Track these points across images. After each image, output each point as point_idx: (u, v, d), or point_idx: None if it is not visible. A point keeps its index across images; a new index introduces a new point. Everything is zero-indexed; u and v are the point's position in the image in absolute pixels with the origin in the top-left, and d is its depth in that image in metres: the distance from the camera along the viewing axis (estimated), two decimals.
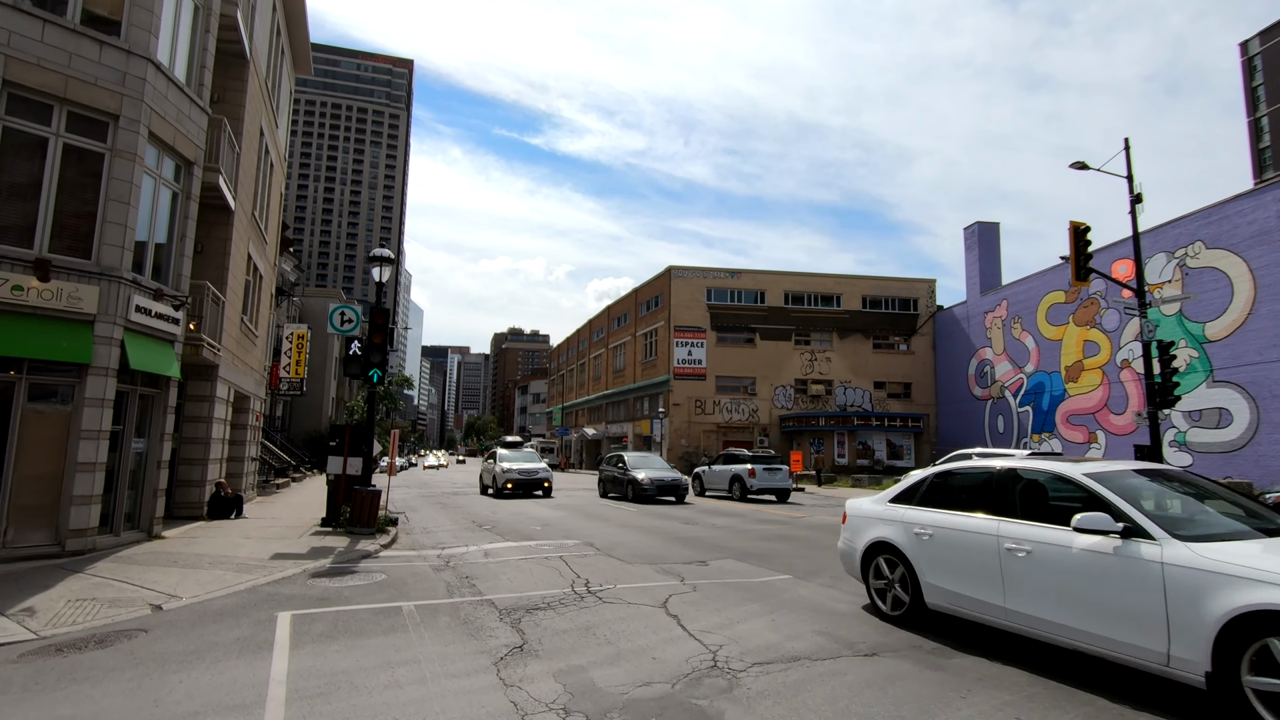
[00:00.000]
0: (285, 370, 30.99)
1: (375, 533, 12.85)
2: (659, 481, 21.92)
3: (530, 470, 24.39)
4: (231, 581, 8.39)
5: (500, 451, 26.51)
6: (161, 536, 11.48)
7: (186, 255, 11.85)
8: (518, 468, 24.30)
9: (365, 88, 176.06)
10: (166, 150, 11.34)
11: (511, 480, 23.84)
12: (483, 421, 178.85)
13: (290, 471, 31.41)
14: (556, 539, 12.70)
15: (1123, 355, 38.16)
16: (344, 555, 10.43)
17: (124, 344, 10.15)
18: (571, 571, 9.14)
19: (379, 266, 14.05)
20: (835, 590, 7.98)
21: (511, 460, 25.27)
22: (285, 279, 43.37)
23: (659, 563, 9.92)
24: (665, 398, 53.05)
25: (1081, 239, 19.56)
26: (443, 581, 8.57)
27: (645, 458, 24.30)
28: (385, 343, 13.63)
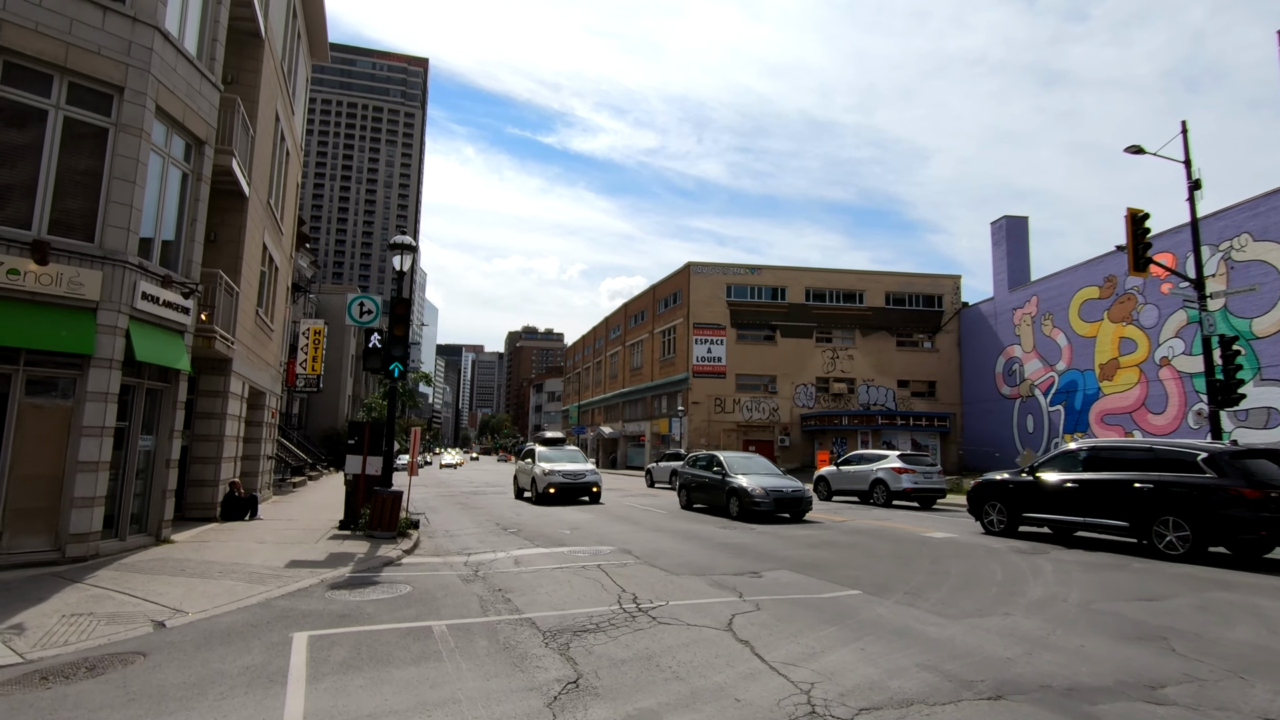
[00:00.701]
0: (302, 367, 30.42)
1: (396, 536, 12.08)
2: (778, 494, 16.14)
3: (576, 473, 20.93)
4: (243, 594, 7.61)
5: (539, 449, 22.74)
6: (170, 541, 10.75)
7: (197, 241, 11.12)
8: (562, 469, 20.86)
9: (381, 87, 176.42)
10: (176, 127, 10.60)
11: (555, 484, 20.43)
12: (497, 420, 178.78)
13: (307, 470, 30.86)
14: (589, 545, 11.85)
15: (1162, 352, 36.71)
16: (364, 563, 9.64)
17: (129, 334, 9.41)
18: (615, 584, 8.27)
19: (400, 254, 13.26)
20: (916, 609, 7.06)
21: (554, 460, 21.76)
22: (301, 275, 42.92)
23: (707, 574, 9.04)
24: (684, 396, 52.11)
25: (1139, 227, 18.43)
26: (474, 595, 7.74)
27: (748, 459, 18.91)
28: (406, 335, 12.83)
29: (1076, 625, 6.46)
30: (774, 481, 16.82)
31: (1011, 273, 49.18)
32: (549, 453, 22.51)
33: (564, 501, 20.63)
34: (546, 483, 20.46)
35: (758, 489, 16.21)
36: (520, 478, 23.41)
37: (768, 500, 16.05)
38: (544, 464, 21.19)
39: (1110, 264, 40.54)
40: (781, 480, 17.19)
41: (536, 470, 21.06)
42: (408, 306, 12.98)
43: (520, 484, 23.35)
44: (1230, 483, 10.36)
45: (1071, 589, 8.22)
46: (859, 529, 14.62)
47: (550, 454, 22.39)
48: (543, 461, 21.52)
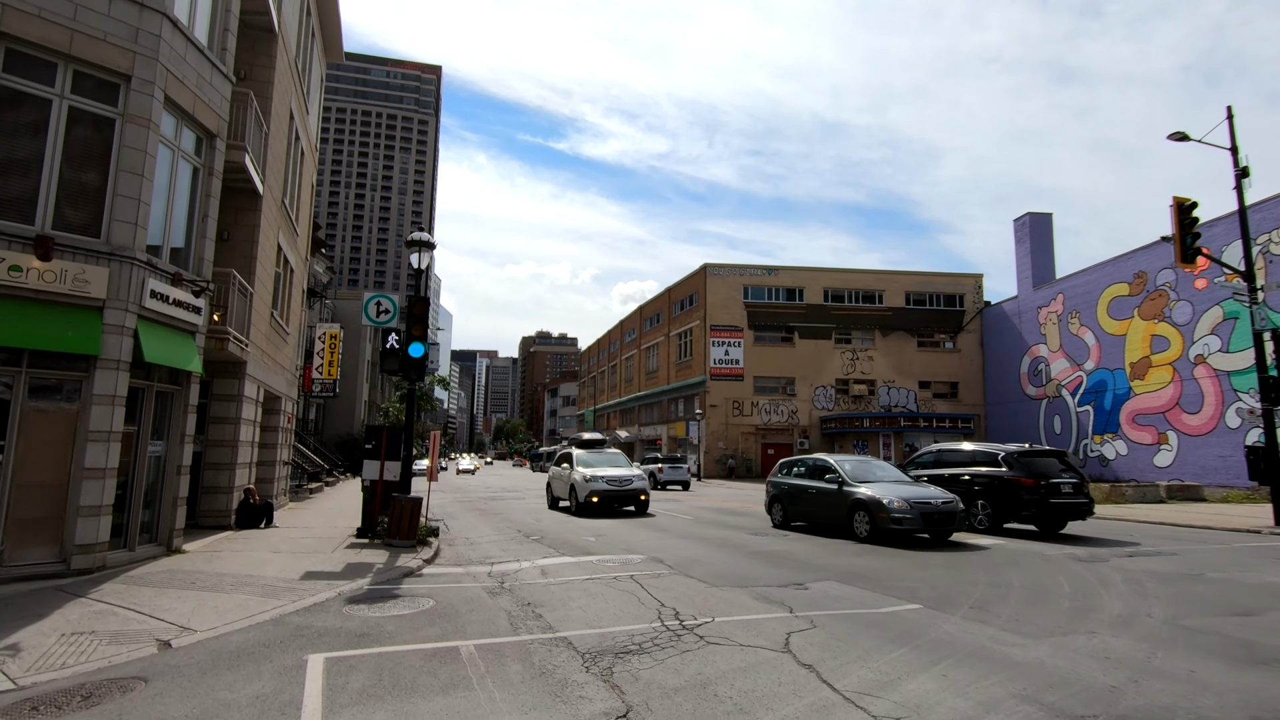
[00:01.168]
0: (318, 372, 30.14)
1: (416, 545, 11.56)
2: (925, 507, 12.26)
3: (621, 479, 18.38)
4: (255, 609, 7.09)
5: (577, 453, 20.20)
6: (182, 551, 10.29)
7: (209, 238, 10.69)
8: (605, 475, 18.41)
9: (395, 94, 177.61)
10: (186, 119, 10.18)
11: (598, 493, 17.89)
12: (511, 425, 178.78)
13: (324, 476, 30.54)
14: (617, 553, 11.26)
15: (1196, 350, 35.54)
16: (383, 574, 9.12)
17: (138, 334, 8.97)
18: (652, 598, 7.67)
19: (418, 251, 12.79)
20: (988, 626, 6.40)
21: (594, 465, 19.35)
22: (317, 280, 42.78)
23: (749, 586, 8.42)
24: (701, 399, 51.43)
25: (1187, 216, 17.59)
26: (502, 610, 7.17)
27: (865, 463, 14.66)
28: (425, 335, 12.33)
29: (1175, 646, 5.77)
30: (914, 491, 12.77)
31: (1036, 270, 48.07)
32: (588, 456, 20.05)
33: (607, 513, 18.11)
34: (588, 491, 17.94)
35: (896, 501, 12.23)
36: (555, 485, 20.91)
37: (911, 516, 12.06)
38: (584, 469, 18.86)
39: (1140, 260, 39.42)
40: (924, 492, 12.87)
41: (575, 477, 18.74)
42: (426, 306, 12.49)
43: (555, 492, 20.91)
44: (1016, 474, 14.09)
45: (1151, 602, 7.51)
46: None
47: (590, 458, 19.88)
48: (582, 467, 19.09)
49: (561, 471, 20.34)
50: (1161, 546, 12.30)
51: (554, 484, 21.03)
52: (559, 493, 20.53)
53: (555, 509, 20.14)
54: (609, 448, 22.16)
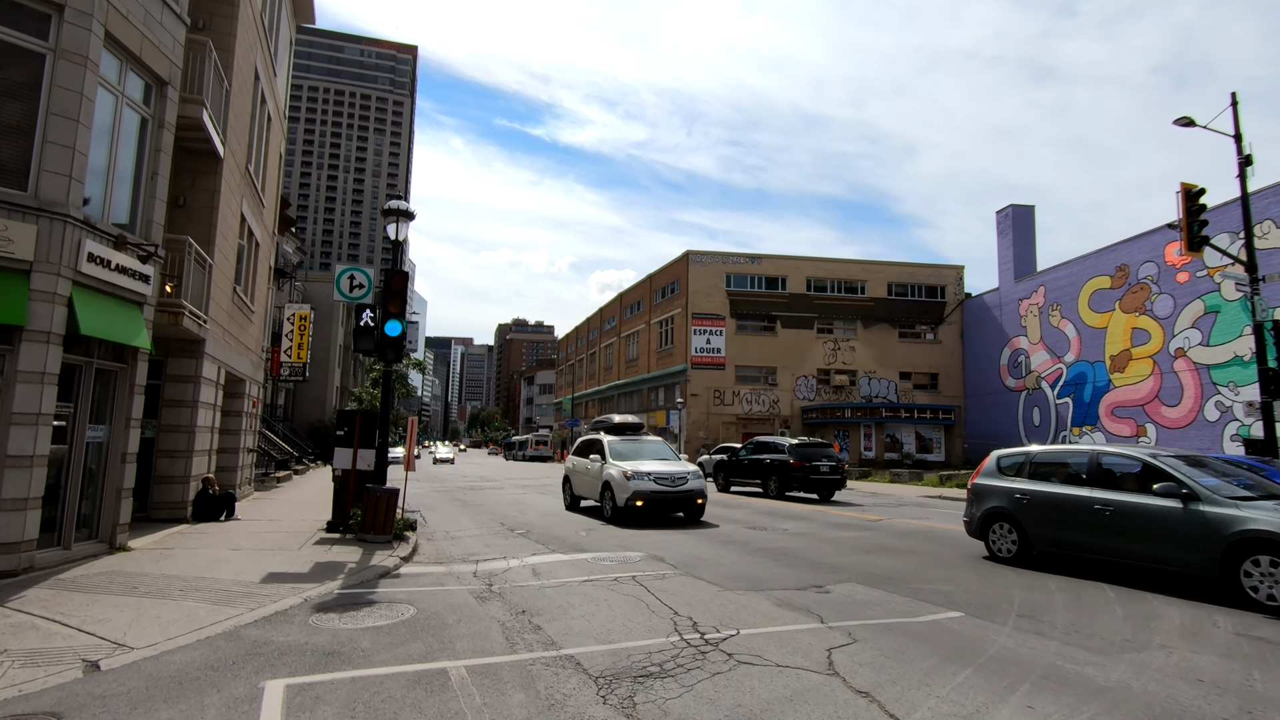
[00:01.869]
0: (286, 354, 28.70)
1: (392, 540, 10.59)
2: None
3: (673, 477, 14.05)
4: (206, 620, 6.11)
5: (609, 441, 15.49)
6: (127, 549, 9.20)
7: (159, 198, 9.52)
8: (652, 471, 13.98)
9: (369, 74, 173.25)
10: (131, 61, 8.99)
11: (644, 495, 13.61)
12: (487, 413, 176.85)
13: (292, 464, 29.21)
14: (612, 550, 10.41)
15: (1177, 343, 35.65)
16: (357, 574, 8.15)
17: (72, 302, 7.84)
18: (662, 604, 6.83)
19: (396, 221, 11.73)
20: (1047, 639, 5.67)
21: (634, 457, 14.83)
22: (287, 260, 41.05)
23: (765, 589, 7.63)
24: (683, 388, 50.71)
25: (1194, 203, 17.13)
26: (494, 620, 6.27)
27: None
28: (403, 312, 11.30)
29: (1268, 664, 5.09)
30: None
31: (1017, 263, 48.05)
32: (625, 446, 15.39)
33: (654, 522, 13.97)
34: (630, 492, 13.61)
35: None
36: (577, 482, 16.56)
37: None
38: (621, 463, 14.37)
39: (1123, 253, 39.48)
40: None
41: (611, 473, 14.32)
42: (404, 280, 11.43)
43: (577, 490, 16.62)
44: (791, 458, 20.53)
45: (1209, 609, 6.87)
46: (896, 528, 13.28)
47: (627, 448, 15.29)
48: (618, 460, 14.65)
49: (588, 465, 15.81)
50: None
51: (576, 480, 16.67)
52: (583, 491, 16.25)
53: (575, 511, 16.30)
54: (648, 435, 17.04)
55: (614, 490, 14.09)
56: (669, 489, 13.95)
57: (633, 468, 14.08)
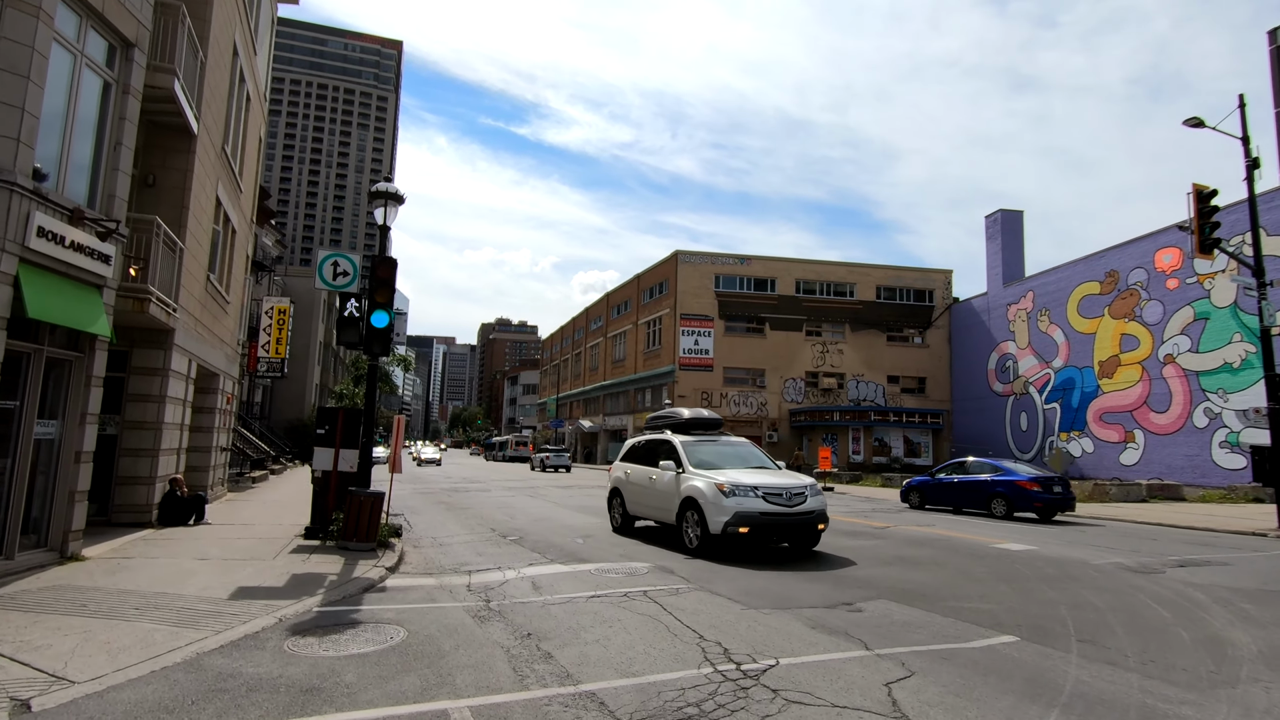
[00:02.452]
0: (264, 349, 27.59)
1: (376, 548, 9.78)
2: None
3: (788, 491, 10.13)
4: (163, 645, 5.29)
5: (681, 443, 11.59)
6: (80, 558, 8.30)
7: (122, 170, 8.64)
8: (761, 484, 10.07)
9: (353, 68, 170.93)
10: (92, 18, 8.12)
11: (749, 518, 9.74)
12: (470, 412, 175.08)
13: (269, 463, 28.09)
14: (616, 560, 9.68)
15: (1166, 350, 35.64)
16: (338, 588, 7.35)
17: (19, 281, 6.97)
18: (684, 626, 6.12)
19: (384, 205, 10.93)
20: (1123, 669, 5.05)
21: (723, 464, 11.04)
22: (266, 254, 39.82)
23: (791, 606, 6.95)
24: (670, 389, 50.06)
25: (1206, 204, 16.78)
26: (497, 646, 5.52)
27: None
28: (390, 302, 10.50)
29: None
30: None
31: (1006, 267, 48.04)
32: (707, 450, 11.53)
33: (757, 555, 10.25)
34: (731, 513, 9.71)
35: None
36: (634, 497, 12.51)
37: None
38: (709, 473, 10.54)
39: (1112, 259, 39.51)
40: None
41: (696, 485, 10.38)
42: (392, 268, 10.64)
43: (633, 508, 12.62)
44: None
45: (1276, 631, 6.31)
46: (906, 536, 12.69)
47: (709, 452, 11.48)
48: (702, 469, 10.79)
49: (652, 475, 11.77)
50: (1191, 554, 11.33)
51: (631, 494, 12.59)
52: (643, 509, 12.31)
53: (628, 534, 12.47)
54: (728, 435, 12.87)
55: (704, 510, 9.97)
56: (784, 509, 9.86)
57: (729, 479, 10.07)
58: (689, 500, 10.50)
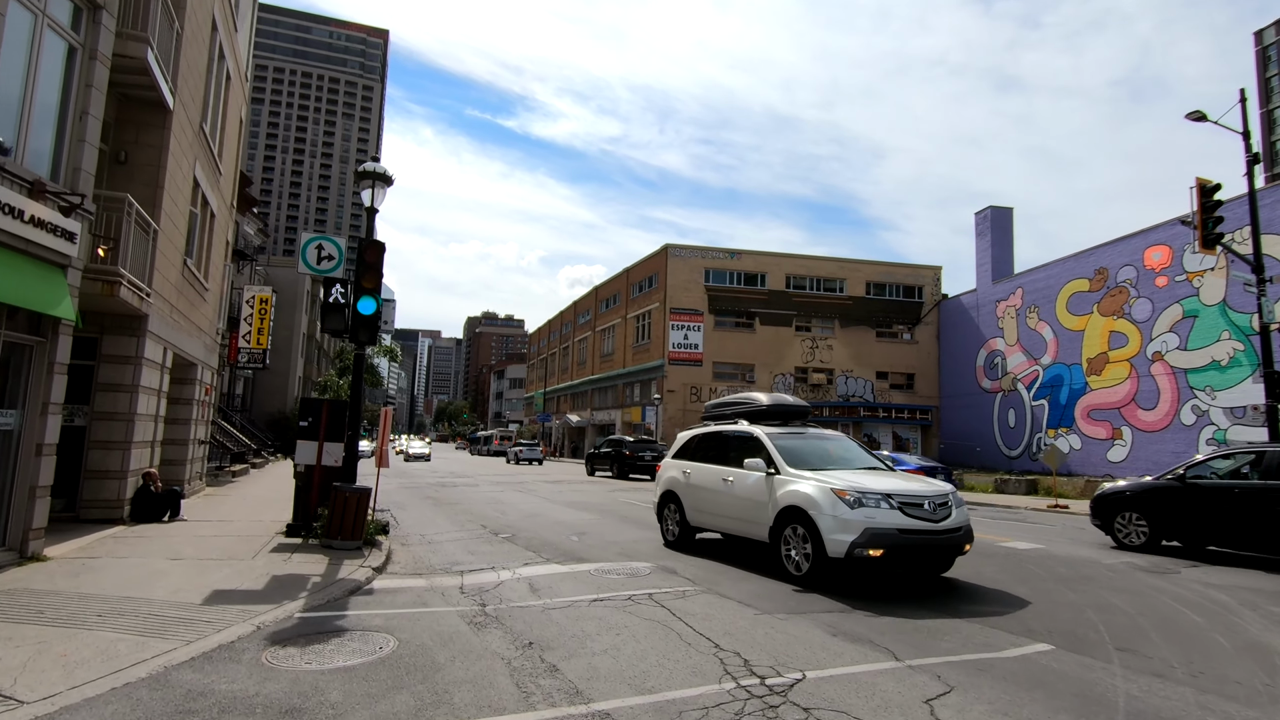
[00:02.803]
0: (245, 340, 26.82)
1: (363, 547, 9.29)
2: None
3: (931, 499, 7.73)
4: (127, 658, 4.79)
5: (768, 435, 9.11)
6: (42, 558, 7.73)
7: (89, 142, 8.04)
8: (895, 491, 7.64)
9: (338, 57, 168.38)
10: None
11: (885, 537, 7.28)
12: (455, 406, 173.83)
13: (250, 457, 27.37)
14: (615, 559, 9.25)
15: (1154, 347, 35.77)
16: (322, 591, 6.86)
17: None
18: (696, 634, 5.70)
19: (372, 186, 10.38)
20: (1175, 682, 4.69)
21: (828, 465, 8.67)
22: (248, 242, 38.87)
23: (805, 610, 6.54)
24: (659, 383, 49.71)
25: (1209, 199, 16.58)
26: (496, 656, 5.07)
27: None
28: (378, 287, 9.97)
29: None
30: None
31: (996, 264, 48.09)
32: (804, 445, 9.10)
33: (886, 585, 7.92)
34: (860, 528, 7.31)
35: None
36: (699, 504, 9.93)
37: None
38: (813, 476, 8.13)
39: (1102, 256, 39.59)
40: None
41: (805, 490, 7.89)
42: (380, 252, 10.11)
43: (695, 517, 10.03)
44: (625, 450, 29.07)
45: None
46: None
47: (807, 448, 9.02)
48: (805, 469, 8.38)
49: (736, 477, 9.11)
50: None
51: (694, 499, 9.99)
52: (712, 519, 9.72)
53: (684, 548, 10.06)
54: (826, 431, 10.09)
55: (818, 525, 7.43)
56: (928, 525, 7.43)
57: (850, 483, 7.59)
58: (791, 511, 7.88)
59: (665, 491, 10.71)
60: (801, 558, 7.77)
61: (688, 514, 10.16)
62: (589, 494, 20.23)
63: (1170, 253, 35.88)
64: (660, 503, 10.87)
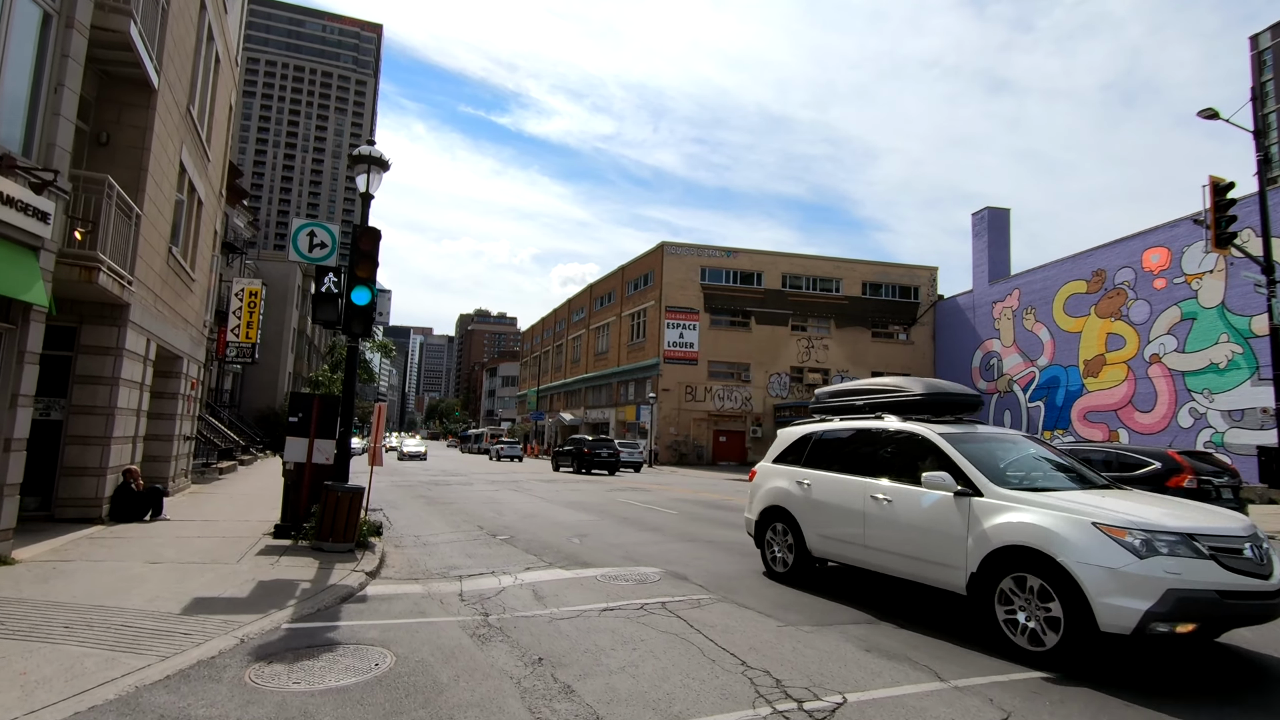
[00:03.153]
0: (234, 333, 26.19)
1: (355, 549, 8.81)
2: None
3: (1251, 541, 5.08)
4: (95, 675, 4.31)
5: (941, 439, 6.49)
6: (9, 561, 7.20)
7: (64, 116, 7.52)
8: (1201, 530, 5.03)
9: (331, 51, 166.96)
10: None
11: (1206, 603, 4.70)
12: (447, 404, 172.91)
13: (239, 454, 26.75)
14: (619, 563, 8.81)
15: (1152, 349, 35.67)
16: (312, 598, 6.38)
17: None
18: (719, 649, 5.26)
19: (367, 171, 9.90)
20: (1254, 709, 4.30)
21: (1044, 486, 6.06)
22: (238, 235, 38.15)
23: (829, 621, 6.13)
24: (654, 382, 49.30)
25: (1222, 197, 16.29)
26: (503, 674, 4.62)
27: None
28: (373, 277, 9.50)
29: None
30: None
31: (992, 265, 47.96)
32: (1000, 453, 6.66)
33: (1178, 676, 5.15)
34: (1161, 590, 4.72)
35: None
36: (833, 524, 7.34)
37: None
38: (1045, 501, 5.58)
39: (1099, 258, 39.48)
40: None
41: (1032, 523, 5.39)
42: (376, 240, 9.63)
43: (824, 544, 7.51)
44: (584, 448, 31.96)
45: None
46: None
47: (1003, 455, 6.64)
48: (1015, 489, 5.88)
49: (899, 496, 6.63)
50: None
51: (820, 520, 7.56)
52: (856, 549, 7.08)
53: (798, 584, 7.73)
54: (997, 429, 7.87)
55: (1080, 581, 4.99)
56: (1260, 585, 4.95)
57: (1128, 516, 5.19)
58: (1016, 554, 5.42)
59: (770, 508, 8.29)
60: (1040, 626, 5.15)
61: (808, 539, 7.60)
62: (586, 493, 19.78)
63: (1169, 255, 35.78)
64: (761, 521, 8.42)
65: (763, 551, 8.40)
